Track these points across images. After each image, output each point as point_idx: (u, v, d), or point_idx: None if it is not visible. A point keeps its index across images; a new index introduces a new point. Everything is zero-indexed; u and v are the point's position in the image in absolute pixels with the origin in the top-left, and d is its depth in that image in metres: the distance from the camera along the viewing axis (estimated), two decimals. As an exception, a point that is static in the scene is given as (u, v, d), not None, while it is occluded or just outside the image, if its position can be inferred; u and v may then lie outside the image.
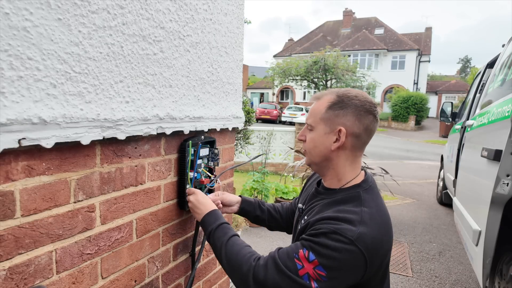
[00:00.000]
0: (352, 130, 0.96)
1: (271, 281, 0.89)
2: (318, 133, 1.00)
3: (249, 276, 0.93)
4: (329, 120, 0.98)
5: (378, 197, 1.00)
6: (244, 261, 0.96)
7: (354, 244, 0.85)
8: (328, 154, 0.99)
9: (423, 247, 3.82)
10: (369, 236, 0.87)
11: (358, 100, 0.97)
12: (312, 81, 25.75)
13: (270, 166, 7.33)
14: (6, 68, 0.66)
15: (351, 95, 0.98)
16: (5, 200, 0.70)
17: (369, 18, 35.35)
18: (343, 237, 0.86)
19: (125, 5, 0.90)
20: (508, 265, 1.88)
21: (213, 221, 1.09)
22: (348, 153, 0.99)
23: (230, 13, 1.38)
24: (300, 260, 0.88)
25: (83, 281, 0.90)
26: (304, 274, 0.87)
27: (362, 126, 0.97)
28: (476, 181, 2.36)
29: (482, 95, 3.05)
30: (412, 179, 7.64)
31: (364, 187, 0.98)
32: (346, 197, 0.97)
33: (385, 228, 0.93)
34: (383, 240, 0.91)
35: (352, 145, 0.98)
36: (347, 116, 0.96)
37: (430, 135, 20.68)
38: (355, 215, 0.90)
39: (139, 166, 1.05)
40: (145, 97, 1.00)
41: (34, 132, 0.71)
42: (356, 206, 0.93)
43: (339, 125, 0.97)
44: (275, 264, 0.91)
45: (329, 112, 0.98)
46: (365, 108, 0.97)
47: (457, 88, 32.25)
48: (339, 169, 1.01)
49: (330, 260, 0.86)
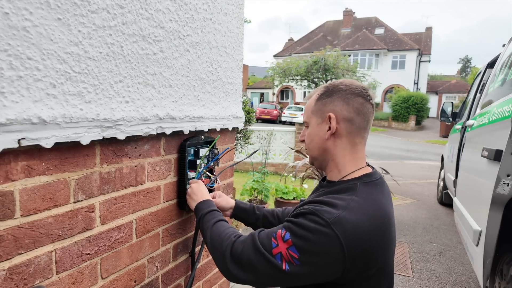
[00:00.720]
0: (342, 114, 0.95)
1: (246, 257, 0.88)
2: (312, 127, 1.01)
3: (227, 250, 0.92)
4: (319, 111, 0.98)
5: (380, 193, 0.93)
6: (225, 238, 0.96)
7: (330, 227, 0.79)
8: (324, 145, 0.98)
9: (424, 247, 3.82)
10: (350, 223, 0.80)
11: (344, 85, 0.97)
12: (312, 81, 25.74)
13: (270, 166, 7.33)
14: (6, 68, 0.66)
15: (336, 83, 0.99)
16: (4, 200, 0.70)
17: (369, 18, 35.34)
18: (320, 218, 0.81)
19: (125, 5, 0.89)
20: (509, 265, 1.88)
21: (205, 207, 1.11)
22: (344, 140, 0.96)
23: (230, 13, 1.38)
24: (276, 239, 0.85)
25: (83, 281, 0.90)
26: (277, 254, 0.84)
27: (352, 109, 0.94)
28: (477, 181, 2.36)
29: (483, 95, 3.05)
30: (412, 179, 7.63)
31: (364, 180, 0.93)
32: (342, 188, 0.92)
33: (375, 223, 0.84)
34: (370, 234, 0.82)
35: (347, 131, 0.95)
36: (334, 102, 0.96)
37: (431, 135, 20.68)
38: (341, 201, 0.85)
39: (139, 166, 1.05)
40: (145, 97, 1.00)
41: (34, 132, 0.71)
42: (348, 195, 0.88)
43: (328, 112, 0.96)
44: (252, 241, 0.89)
45: (318, 104, 0.99)
46: (351, 91, 0.96)
47: (457, 88, 32.24)
48: (338, 159, 0.97)
49: (303, 241, 0.81)
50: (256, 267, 0.87)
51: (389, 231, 0.89)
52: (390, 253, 0.92)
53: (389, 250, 0.90)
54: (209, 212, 1.09)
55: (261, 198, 4.25)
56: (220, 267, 0.95)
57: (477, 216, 2.25)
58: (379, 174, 0.99)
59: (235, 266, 0.90)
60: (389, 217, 0.90)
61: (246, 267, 0.88)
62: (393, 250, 0.94)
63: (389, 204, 0.94)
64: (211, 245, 1.00)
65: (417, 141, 17.92)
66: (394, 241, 0.93)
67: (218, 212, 1.10)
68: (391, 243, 0.91)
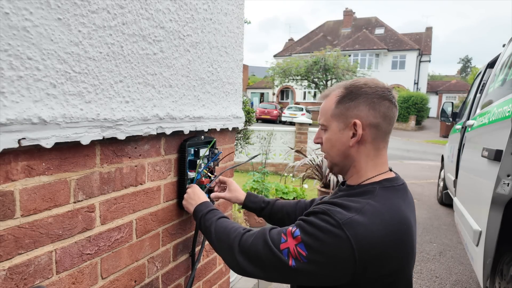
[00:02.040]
0: (368, 120, 0.88)
1: (254, 249, 0.88)
2: (333, 132, 0.93)
3: (235, 242, 0.92)
4: (341, 115, 0.91)
5: (400, 199, 0.87)
6: (232, 231, 0.95)
7: (341, 227, 0.77)
8: (347, 152, 0.92)
9: (424, 247, 3.82)
10: (363, 226, 0.77)
11: (369, 88, 0.90)
12: (312, 81, 25.74)
13: (270, 166, 7.33)
14: (6, 68, 0.66)
15: (359, 84, 0.91)
16: (5, 200, 0.70)
17: (370, 18, 35.33)
18: (331, 218, 0.79)
19: (125, 5, 0.89)
20: (509, 266, 1.88)
21: (204, 208, 1.11)
22: (369, 146, 0.91)
23: (230, 13, 1.38)
24: (286, 234, 0.84)
25: (83, 281, 0.90)
26: (284, 249, 0.82)
27: (379, 114, 0.88)
28: (477, 181, 2.36)
29: (483, 95, 3.05)
30: (412, 179, 7.63)
31: (384, 185, 0.88)
32: (360, 191, 0.88)
33: (391, 229, 0.80)
34: (384, 240, 0.79)
35: (372, 137, 0.90)
36: (360, 107, 0.89)
37: (431, 135, 20.67)
38: (356, 204, 0.82)
39: (139, 166, 1.05)
40: (145, 97, 1.00)
41: (34, 132, 0.71)
42: (365, 198, 0.84)
43: (353, 118, 0.89)
44: (263, 235, 0.88)
45: (339, 107, 0.91)
46: (377, 95, 0.89)
47: (457, 88, 32.23)
48: (360, 166, 0.92)
49: (312, 239, 0.79)
50: (263, 261, 0.86)
51: (408, 239, 0.84)
52: (409, 263, 0.87)
53: (407, 259, 0.85)
54: (209, 211, 1.09)
55: (261, 198, 4.25)
56: (228, 259, 0.95)
57: (477, 216, 2.25)
58: (402, 180, 0.94)
59: (243, 257, 0.90)
60: (408, 225, 0.85)
61: (253, 260, 0.88)
62: (412, 260, 0.88)
63: (410, 211, 0.89)
64: (216, 239, 0.99)
65: (417, 141, 17.91)
66: (413, 250, 0.88)
67: (218, 211, 1.11)
68: (410, 252, 0.86)
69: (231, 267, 0.94)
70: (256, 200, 1.32)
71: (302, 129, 7.47)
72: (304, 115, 19.39)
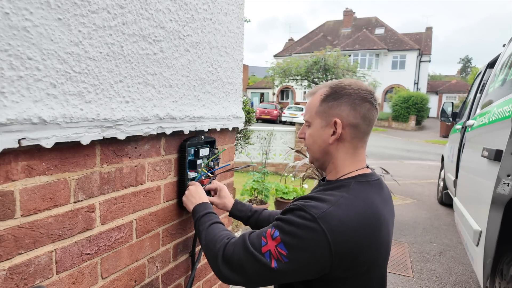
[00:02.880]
0: (348, 120, 0.92)
1: (236, 258, 0.88)
2: (315, 128, 0.97)
3: (219, 252, 0.93)
4: (324, 113, 0.95)
5: (374, 193, 0.91)
6: (218, 240, 0.96)
7: (316, 221, 0.79)
8: (326, 148, 0.96)
9: (424, 247, 3.82)
10: (337, 218, 0.80)
11: (352, 89, 0.93)
12: (312, 81, 25.72)
13: (270, 166, 7.33)
14: (6, 68, 0.66)
15: (343, 85, 0.95)
16: (5, 200, 0.70)
17: (370, 18, 35.33)
18: (307, 213, 0.81)
19: (125, 5, 0.90)
20: (509, 265, 1.88)
21: (202, 210, 1.11)
22: (347, 145, 0.95)
23: (230, 13, 1.38)
24: (266, 237, 0.85)
25: (83, 281, 0.90)
26: (266, 252, 0.84)
27: (359, 115, 0.93)
28: (477, 181, 2.36)
29: (483, 95, 3.05)
30: (412, 179, 7.63)
31: (359, 179, 0.92)
32: (336, 185, 0.92)
33: (363, 221, 0.83)
34: (357, 231, 0.81)
35: (351, 136, 0.94)
36: (341, 106, 0.93)
37: (431, 135, 20.67)
38: (331, 197, 0.85)
39: (139, 166, 1.05)
40: (145, 97, 1.00)
41: (34, 132, 0.71)
42: (339, 191, 0.88)
43: (334, 116, 0.93)
44: (243, 242, 0.89)
45: (323, 105, 0.95)
46: (359, 96, 0.93)
47: (457, 88, 32.23)
48: (338, 162, 0.96)
49: (290, 237, 0.81)
50: (245, 267, 0.87)
51: (379, 231, 0.87)
52: (381, 255, 0.90)
53: (379, 251, 0.88)
54: (205, 215, 1.09)
55: (261, 198, 4.25)
56: (213, 269, 0.95)
57: (477, 216, 2.25)
58: (377, 176, 0.98)
59: (226, 267, 0.91)
60: (380, 218, 0.88)
61: (236, 268, 0.89)
62: (384, 252, 0.91)
63: (384, 205, 0.92)
64: (205, 247, 1.00)
65: (417, 141, 17.91)
66: (385, 244, 0.90)
67: (214, 214, 1.10)
68: (382, 245, 0.88)
69: (217, 276, 0.95)
70: (243, 209, 1.30)
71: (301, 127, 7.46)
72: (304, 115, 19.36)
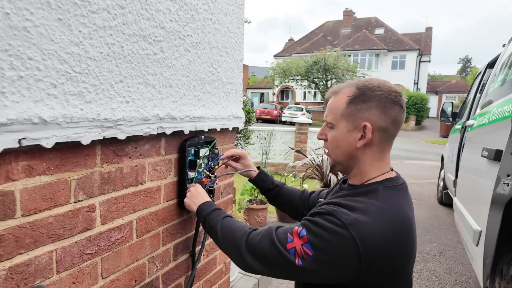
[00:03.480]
0: (378, 124, 0.88)
1: (260, 248, 0.90)
2: (341, 131, 0.92)
3: (242, 240, 0.94)
4: (351, 116, 0.90)
5: (401, 198, 0.89)
6: (238, 230, 0.98)
7: (346, 228, 0.78)
8: (353, 152, 0.92)
9: (424, 247, 3.82)
10: (367, 226, 0.79)
11: (382, 91, 0.89)
12: (312, 81, 25.74)
13: (270, 166, 7.33)
14: (7, 68, 0.66)
15: (373, 86, 0.90)
16: (5, 200, 0.70)
17: (370, 18, 35.33)
18: (337, 219, 0.80)
19: (125, 5, 0.90)
20: (509, 265, 1.88)
21: (208, 207, 1.12)
22: (375, 149, 0.91)
23: (231, 13, 1.38)
24: (292, 234, 0.86)
25: (83, 281, 0.90)
26: (291, 248, 0.84)
27: (389, 119, 0.89)
28: (477, 181, 2.36)
29: (483, 95, 3.05)
30: (412, 179, 7.64)
31: (386, 184, 0.89)
32: (363, 191, 0.89)
33: (394, 228, 0.82)
34: (387, 239, 0.80)
35: (379, 141, 0.90)
36: (371, 110, 0.88)
37: (431, 135, 20.68)
38: (360, 204, 0.83)
39: (139, 166, 1.05)
40: (145, 97, 1.00)
41: (35, 132, 0.71)
42: (368, 198, 0.86)
43: (363, 120, 0.88)
44: (269, 234, 0.90)
45: (350, 107, 0.90)
46: (390, 99, 0.88)
47: (457, 88, 32.23)
48: (365, 167, 0.93)
49: (318, 239, 0.81)
50: (270, 259, 0.88)
51: (409, 237, 0.85)
52: (410, 261, 0.88)
53: (409, 257, 0.87)
54: (213, 211, 1.10)
55: (261, 198, 4.25)
56: (235, 258, 0.97)
57: (477, 216, 2.25)
58: (403, 179, 0.95)
59: (250, 255, 0.92)
60: (409, 224, 0.86)
61: (260, 258, 0.90)
62: (413, 258, 0.89)
63: (410, 209, 0.90)
64: (223, 239, 1.01)
65: (417, 141, 17.91)
66: (414, 249, 0.89)
67: (222, 210, 1.12)
68: (411, 250, 0.87)
69: (238, 265, 0.96)
70: (266, 180, 1.35)
71: (302, 129, 7.47)
72: (304, 115, 19.39)
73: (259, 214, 4.12)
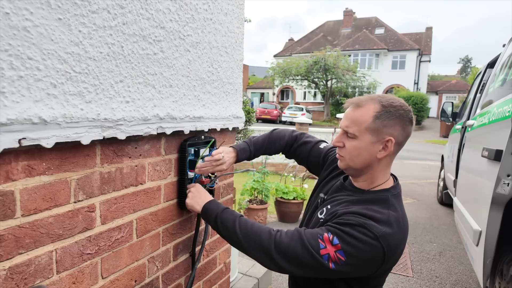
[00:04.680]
0: (398, 139, 1.01)
1: (293, 250, 0.96)
2: (364, 143, 1.01)
3: (270, 243, 0.99)
4: (376, 130, 1.00)
5: (402, 203, 1.06)
6: (263, 231, 1.02)
7: (378, 240, 0.93)
8: (371, 162, 1.03)
9: (424, 247, 3.82)
10: (392, 237, 0.95)
11: (403, 111, 1.01)
12: (312, 81, 25.73)
13: (270, 166, 7.33)
14: (7, 68, 0.66)
15: (396, 105, 1.01)
16: (5, 200, 0.70)
17: (370, 18, 35.30)
18: (370, 232, 0.93)
19: (125, 5, 0.90)
20: (509, 265, 1.88)
21: (217, 207, 1.13)
22: (389, 159, 1.05)
23: (231, 13, 1.38)
24: (324, 241, 0.95)
25: (83, 281, 0.90)
26: (324, 254, 0.94)
27: (406, 135, 1.03)
28: (477, 181, 2.36)
29: (483, 95, 3.05)
30: (412, 179, 7.63)
31: (393, 193, 1.05)
32: (375, 199, 1.03)
33: (405, 233, 1.01)
34: (402, 243, 0.99)
35: (394, 152, 1.04)
36: (395, 127, 1.00)
37: (431, 135, 20.67)
38: (382, 215, 0.97)
39: (139, 166, 1.05)
40: (145, 97, 1.00)
41: (34, 132, 0.71)
42: (383, 208, 0.99)
43: (387, 135, 1.00)
44: (300, 237, 0.97)
45: (376, 123, 1.00)
46: (409, 118, 1.02)
47: (457, 88, 32.20)
48: (376, 173, 1.06)
49: (352, 248, 0.93)
50: (302, 261, 0.96)
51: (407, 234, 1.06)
52: None
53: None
54: (225, 211, 1.11)
55: (261, 198, 4.25)
56: (263, 259, 1.01)
57: (477, 216, 2.25)
58: (399, 184, 1.10)
59: (280, 257, 0.98)
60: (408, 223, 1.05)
61: (292, 260, 0.97)
62: None
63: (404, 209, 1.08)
64: (245, 240, 1.03)
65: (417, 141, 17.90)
66: None
67: (233, 210, 1.14)
68: None
69: (266, 265, 1.02)
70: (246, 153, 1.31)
71: (302, 129, 7.47)
72: (304, 115, 19.39)
73: (259, 214, 4.12)
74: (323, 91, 26.35)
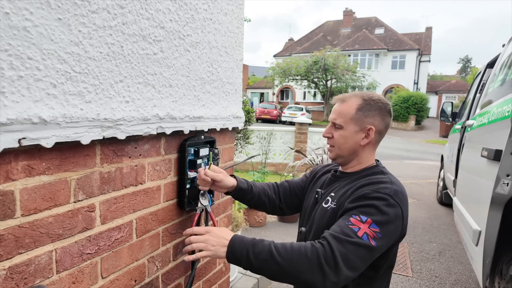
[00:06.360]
0: (378, 128, 1.15)
1: (340, 254, 0.93)
2: (349, 131, 1.14)
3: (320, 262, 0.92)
4: (359, 120, 1.13)
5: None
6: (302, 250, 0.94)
7: (392, 197, 1.01)
8: (356, 148, 1.16)
9: (423, 247, 3.82)
10: (399, 192, 1.05)
11: (382, 103, 1.16)
12: (312, 81, 25.74)
13: (270, 166, 7.33)
14: (6, 67, 0.66)
15: (375, 99, 1.16)
16: (5, 200, 0.70)
17: (369, 18, 35.30)
18: (383, 194, 1.01)
19: (125, 5, 0.90)
20: (508, 265, 1.88)
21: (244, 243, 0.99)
22: (371, 146, 1.17)
23: (230, 13, 1.38)
24: (355, 224, 0.97)
25: (83, 281, 0.90)
26: (363, 235, 0.96)
27: (385, 125, 1.16)
28: (476, 181, 2.36)
29: (482, 95, 3.05)
30: (412, 179, 7.64)
31: (381, 166, 1.19)
32: (370, 172, 1.15)
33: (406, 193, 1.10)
34: (407, 201, 1.07)
35: (375, 140, 1.17)
36: (375, 117, 1.14)
37: (430, 135, 20.67)
38: (384, 178, 1.09)
39: (139, 166, 1.05)
40: (145, 96, 1.00)
41: (34, 132, 0.71)
42: (381, 174, 1.12)
43: (369, 124, 1.13)
44: (335, 238, 0.96)
45: (359, 114, 1.14)
46: (387, 110, 1.16)
47: (457, 88, 32.20)
48: (362, 159, 1.18)
49: (380, 215, 0.98)
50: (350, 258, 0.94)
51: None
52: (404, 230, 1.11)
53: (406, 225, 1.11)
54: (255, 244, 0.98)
55: (261, 198, 4.26)
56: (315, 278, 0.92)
57: (476, 216, 2.25)
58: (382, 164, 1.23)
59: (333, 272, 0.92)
60: None
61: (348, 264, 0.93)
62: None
63: None
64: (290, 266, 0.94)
65: (417, 141, 17.92)
66: None
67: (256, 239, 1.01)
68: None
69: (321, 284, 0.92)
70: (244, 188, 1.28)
71: (302, 129, 7.47)
72: (304, 115, 19.38)
73: (259, 214, 4.12)
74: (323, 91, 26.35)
